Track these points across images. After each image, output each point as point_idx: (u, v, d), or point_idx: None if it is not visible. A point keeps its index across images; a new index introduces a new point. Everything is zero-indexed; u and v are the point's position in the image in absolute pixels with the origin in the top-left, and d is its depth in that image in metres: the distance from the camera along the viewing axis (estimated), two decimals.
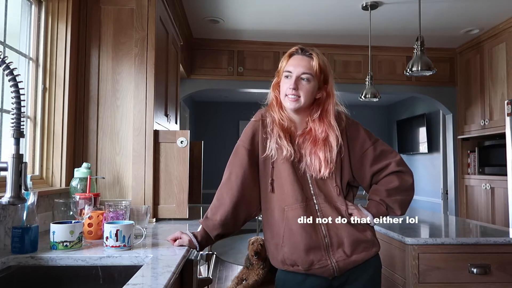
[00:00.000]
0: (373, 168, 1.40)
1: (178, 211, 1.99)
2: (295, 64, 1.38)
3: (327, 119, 1.39)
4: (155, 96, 2.01)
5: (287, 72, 1.38)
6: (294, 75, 1.36)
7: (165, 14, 2.29)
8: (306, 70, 1.36)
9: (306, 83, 1.37)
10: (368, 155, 1.41)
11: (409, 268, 1.80)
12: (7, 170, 1.05)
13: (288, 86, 1.37)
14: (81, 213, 1.37)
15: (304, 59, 1.38)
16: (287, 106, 1.38)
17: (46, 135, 1.84)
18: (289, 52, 1.43)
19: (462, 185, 4.54)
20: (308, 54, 1.39)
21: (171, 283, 1.01)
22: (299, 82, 1.36)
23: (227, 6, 3.48)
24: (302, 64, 1.37)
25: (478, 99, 4.23)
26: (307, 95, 1.37)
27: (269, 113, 1.45)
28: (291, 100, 1.36)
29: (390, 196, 1.38)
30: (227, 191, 1.41)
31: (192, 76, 4.32)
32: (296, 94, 1.36)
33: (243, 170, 1.41)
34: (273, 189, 1.38)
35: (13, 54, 1.68)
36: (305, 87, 1.36)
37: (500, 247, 1.81)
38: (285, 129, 1.40)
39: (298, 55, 1.40)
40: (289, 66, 1.38)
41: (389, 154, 1.42)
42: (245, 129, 1.49)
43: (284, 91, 1.38)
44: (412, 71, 2.74)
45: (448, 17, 3.67)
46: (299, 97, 1.36)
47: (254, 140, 1.44)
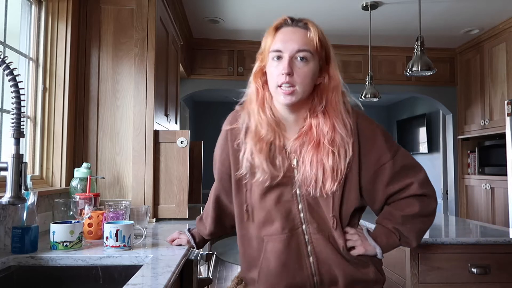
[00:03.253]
0: (389, 190, 1.07)
1: (178, 211, 1.99)
2: (286, 39, 1.01)
3: (334, 112, 1.05)
4: (155, 96, 2.01)
5: (275, 52, 1.02)
6: (286, 54, 1.00)
7: (165, 14, 2.29)
8: (303, 46, 1.00)
9: (303, 65, 1.01)
10: (385, 172, 1.06)
11: (409, 268, 1.80)
12: (7, 170, 1.05)
13: (280, 71, 1.00)
14: (81, 213, 1.37)
15: (298, 31, 1.03)
16: (280, 100, 1.03)
17: (46, 135, 1.84)
18: (275, 25, 1.05)
19: (462, 185, 4.54)
20: (302, 24, 1.04)
21: (171, 283, 1.01)
22: (293, 64, 1.01)
23: (227, 6, 3.48)
24: (295, 38, 1.01)
25: (478, 99, 4.23)
26: (306, 81, 1.02)
27: (243, 114, 1.10)
28: (285, 93, 1.00)
29: (406, 224, 1.07)
30: (208, 205, 1.29)
31: (192, 76, 4.32)
32: (291, 82, 1.00)
33: (216, 194, 1.24)
34: (249, 216, 1.10)
35: (13, 54, 1.68)
36: (303, 71, 1.01)
37: (500, 247, 1.81)
38: (264, 140, 1.05)
39: (289, 26, 1.04)
40: (278, 42, 1.02)
41: (411, 171, 1.08)
42: (217, 141, 1.20)
43: (275, 80, 1.02)
44: (412, 71, 2.74)
45: (448, 17, 3.67)
46: (294, 86, 1.00)
47: (223, 156, 1.15)
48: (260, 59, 1.08)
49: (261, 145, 1.05)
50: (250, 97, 1.10)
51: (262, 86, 1.09)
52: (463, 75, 4.52)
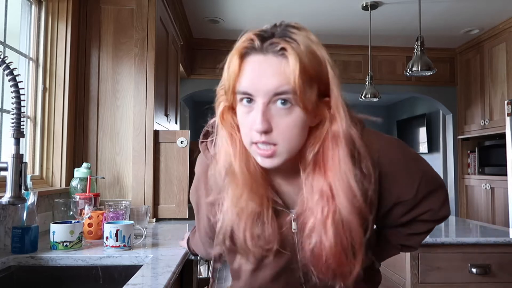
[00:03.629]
0: (403, 219, 0.89)
1: (178, 211, 1.99)
2: (255, 76, 0.70)
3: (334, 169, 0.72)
4: (155, 96, 2.01)
5: (243, 95, 0.71)
6: (259, 100, 0.69)
7: (165, 14, 2.29)
8: (282, 86, 0.68)
9: (286, 113, 0.70)
10: (403, 207, 0.86)
11: (409, 268, 1.80)
12: (7, 170, 1.05)
13: (252, 124, 0.70)
14: (81, 213, 1.37)
15: (272, 61, 0.69)
16: (258, 161, 0.74)
17: (46, 135, 1.84)
18: (239, 50, 0.72)
19: (462, 185, 4.54)
20: (277, 49, 0.69)
21: (171, 283, 1.01)
22: (270, 113, 0.70)
23: (227, 6, 3.48)
24: (269, 73, 0.69)
25: (478, 99, 4.23)
26: (293, 136, 0.71)
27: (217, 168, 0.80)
28: (263, 155, 0.71)
29: (412, 240, 0.95)
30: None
31: (192, 76, 4.32)
32: (270, 141, 0.70)
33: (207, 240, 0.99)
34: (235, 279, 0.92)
35: (13, 54, 1.68)
36: (285, 123, 0.70)
37: (500, 247, 1.81)
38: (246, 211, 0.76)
39: (258, 54, 0.70)
40: (245, 81, 0.71)
41: (431, 196, 0.87)
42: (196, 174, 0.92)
43: (247, 135, 0.72)
44: (412, 71, 2.74)
45: (448, 17, 3.67)
46: (276, 145, 0.71)
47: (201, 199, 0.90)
48: (225, 98, 0.76)
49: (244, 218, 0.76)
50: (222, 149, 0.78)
51: (237, 130, 0.77)
52: (463, 75, 4.52)
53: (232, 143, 0.77)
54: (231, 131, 0.77)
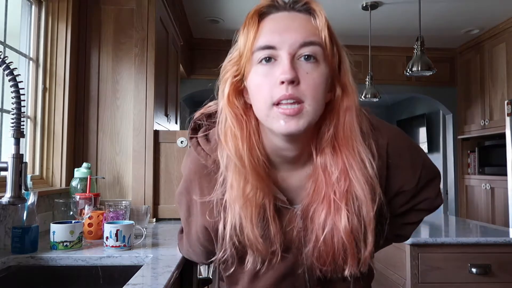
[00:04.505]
0: (401, 209, 0.87)
1: (178, 212, 1.98)
2: (280, 28, 0.66)
3: (348, 144, 0.70)
4: (155, 96, 2.01)
5: (263, 51, 0.67)
6: (284, 52, 0.65)
7: (165, 14, 2.29)
8: (309, 37, 0.66)
9: (312, 68, 0.66)
10: (404, 196, 0.85)
11: (409, 268, 1.80)
12: (7, 170, 1.05)
13: (276, 79, 0.65)
14: (81, 213, 1.37)
15: (297, 17, 0.68)
16: (278, 128, 0.67)
17: (46, 135, 1.84)
18: (258, 9, 0.69)
19: (462, 185, 4.54)
20: (303, 6, 0.69)
21: (171, 283, 1.01)
22: (296, 66, 0.65)
23: (227, 6, 3.48)
24: (295, 26, 0.66)
25: (478, 99, 4.23)
26: (319, 95, 0.67)
27: (219, 156, 0.74)
28: (288, 113, 0.65)
29: (406, 230, 0.94)
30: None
31: (192, 76, 4.32)
32: (297, 96, 0.64)
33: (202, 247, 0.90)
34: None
35: (13, 54, 1.68)
36: (312, 77, 0.66)
37: (500, 247, 1.81)
38: (252, 202, 0.70)
39: (280, 11, 0.68)
40: (267, 34, 0.67)
41: (429, 186, 0.87)
42: (186, 173, 0.84)
43: (267, 96, 0.66)
44: (412, 71, 2.74)
45: (448, 17, 3.67)
46: (302, 102, 0.65)
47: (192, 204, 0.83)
48: (234, 72, 0.71)
49: (251, 211, 0.70)
50: (228, 131, 0.71)
51: (243, 112, 0.72)
52: (463, 75, 4.52)
53: (238, 125, 0.71)
54: (238, 113, 0.72)
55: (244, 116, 0.72)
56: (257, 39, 0.68)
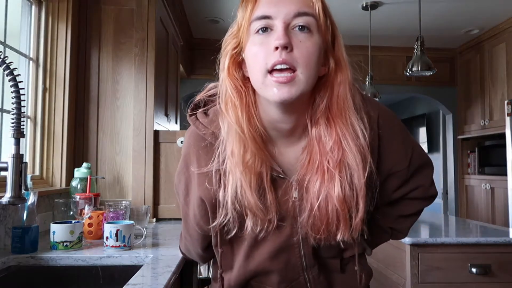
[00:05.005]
0: (394, 195, 0.89)
1: (178, 211, 1.98)
2: (276, 0, 0.70)
3: (341, 116, 0.73)
4: (155, 96, 2.01)
5: (260, 21, 0.70)
6: (279, 21, 0.69)
7: (165, 14, 2.29)
8: (304, 8, 0.69)
9: (306, 37, 0.69)
10: (396, 179, 0.86)
11: (409, 268, 1.80)
12: (7, 170, 1.05)
13: (271, 46, 0.68)
14: (81, 213, 1.37)
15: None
16: (271, 96, 0.70)
17: (46, 135, 1.84)
18: None
19: (462, 185, 4.54)
20: None
21: (171, 283, 1.01)
22: (290, 35, 0.68)
23: (227, 6, 3.48)
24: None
25: (478, 99, 4.23)
26: (312, 63, 0.69)
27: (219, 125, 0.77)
28: (280, 81, 0.68)
29: (402, 224, 0.94)
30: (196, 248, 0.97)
31: (192, 76, 4.32)
32: (290, 62, 0.67)
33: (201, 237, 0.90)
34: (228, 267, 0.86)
35: (13, 54, 1.68)
36: (305, 46, 0.68)
37: (500, 247, 1.81)
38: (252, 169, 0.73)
39: None
40: (264, 5, 0.70)
41: (422, 172, 0.89)
42: (187, 153, 0.87)
43: (262, 63, 0.69)
44: (412, 71, 2.74)
45: (448, 17, 3.67)
46: (295, 70, 0.68)
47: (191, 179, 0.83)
48: (233, 44, 0.75)
49: (250, 177, 0.72)
50: (228, 101, 0.75)
51: (242, 84, 0.75)
52: (463, 75, 4.52)
53: (238, 95, 0.75)
54: (237, 84, 0.76)
55: (243, 87, 0.76)
56: (254, 11, 0.71)
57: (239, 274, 0.83)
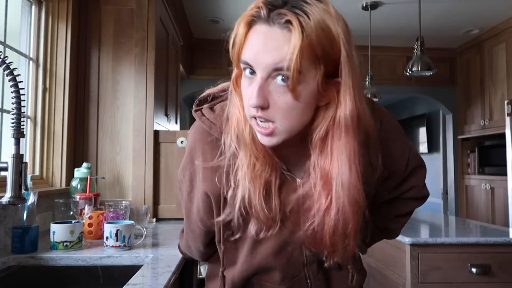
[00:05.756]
0: (390, 195, 0.91)
1: (178, 211, 1.99)
2: (257, 48, 0.65)
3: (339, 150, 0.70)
4: (155, 96, 2.01)
5: (245, 65, 0.68)
6: (258, 73, 0.66)
7: (165, 14, 2.29)
8: (281, 62, 0.63)
9: (285, 90, 0.65)
10: (393, 179, 0.88)
11: (409, 268, 1.80)
12: (7, 170, 1.05)
13: (249, 99, 0.67)
14: (81, 213, 1.37)
15: (275, 33, 0.64)
16: (258, 138, 0.71)
17: (46, 135, 1.84)
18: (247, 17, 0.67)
19: (462, 185, 4.54)
20: (284, 23, 0.63)
21: (171, 283, 1.01)
22: (268, 89, 0.66)
23: (227, 6, 3.48)
24: (271, 46, 0.64)
25: (478, 99, 4.23)
26: (293, 116, 0.67)
27: (227, 134, 0.76)
28: (262, 132, 0.69)
29: (397, 223, 0.97)
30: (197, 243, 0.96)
31: (192, 76, 4.32)
32: (267, 117, 0.67)
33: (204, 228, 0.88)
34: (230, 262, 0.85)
35: (13, 54, 1.68)
36: (283, 101, 0.66)
37: (500, 247, 1.81)
38: (260, 177, 0.73)
39: (263, 23, 0.65)
40: (247, 50, 0.67)
41: (416, 174, 0.91)
42: (192, 148, 0.84)
43: (247, 108, 0.69)
44: (412, 71, 2.74)
45: (448, 17, 3.67)
46: (274, 123, 0.67)
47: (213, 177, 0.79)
48: (234, 63, 0.73)
49: (258, 185, 0.73)
50: (235, 114, 0.74)
51: (240, 106, 0.74)
52: (463, 75, 4.52)
53: (243, 110, 0.72)
54: (242, 98, 0.73)
55: (240, 110, 0.74)
56: (242, 50, 0.68)
57: (242, 269, 0.83)
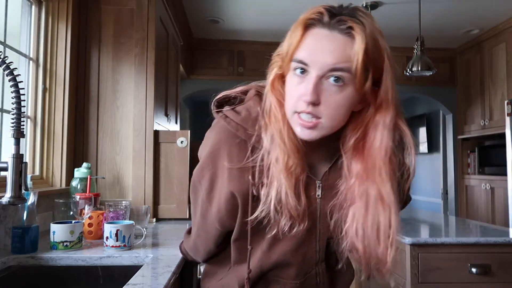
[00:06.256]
0: None
1: (178, 211, 1.99)
2: (316, 48, 0.71)
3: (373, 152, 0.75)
4: (155, 96, 2.01)
5: (299, 63, 0.72)
6: (314, 72, 0.70)
7: (165, 14, 2.29)
8: (340, 63, 0.69)
9: (337, 91, 0.71)
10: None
11: (409, 268, 1.80)
12: (7, 170, 1.05)
13: (301, 96, 0.72)
14: (81, 213, 1.37)
15: (336, 38, 0.70)
16: (296, 132, 0.75)
17: (46, 135, 1.84)
18: (305, 20, 0.73)
19: (462, 185, 4.54)
20: (346, 29, 0.69)
21: (171, 283, 1.01)
22: (322, 88, 0.71)
23: (227, 6, 3.48)
24: (331, 48, 0.70)
25: (478, 99, 4.23)
26: (339, 114, 0.73)
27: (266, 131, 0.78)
28: (304, 125, 0.73)
29: None
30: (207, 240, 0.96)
31: (192, 76, 4.32)
32: (315, 113, 0.72)
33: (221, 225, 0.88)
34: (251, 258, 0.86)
35: (13, 54, 1.68)
36: (334, 100, 0.71)
37: (500, 247, 1.81)
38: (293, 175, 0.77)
39: (323, 27, 0.71)
40: (304, 50, 0.72)
41: (409, 179, 0.95)
42: (215, 149, 0.83)
43: (293, 103, 0.74)
44: (412, 71, 2.74)
45: (448, 17, 3.67)
46: (319, 118, 0.72)
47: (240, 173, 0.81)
48: (279, 65, 0.78)
49: (292, 182, 0.77)
50: (271, 114, 0.78)
51: (283, 99, 0.78)
52: (463, 75, 4.52)
53: (280, 108, 0.77)
54: (279, 98, 0.78)
55: (284, 101, 0.78)
56: (297, 50, 0.73)
57: (259, 265, 0.85)
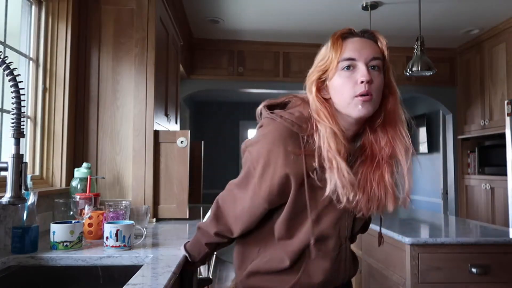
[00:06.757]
0: None
1: (178, 211, 1.99)
2: (359, 48, 0.98)
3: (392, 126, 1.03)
4: (155, 96, 2.01)
5: (347, 61, 0.97)
6: (361, 63, 0.97)
7: (165, 14, 2.29)
8: (376, 54, 0.99)
9: (377, 75, 0.98)
10: None
11: (409, 268, 1.80)
12: (7, 170, 1.05)
13: (358, 80, 0.96)
14: (81, 213, 1.37)
15: (368, 41, 1.01)
16: (354, 113, 0.97)
17: (46, 135, 1.84)
18: (341, 34, 1.01)
19: (462, 185, 4.54)
20: (370, 35, 1.02)
21: (171, 283, 1.01)
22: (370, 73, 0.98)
23: (228, 6, 3.48)
24: (368, 46, 0.99)
25: (478, 99, 4.23)
26: (380, 92, 1.00)
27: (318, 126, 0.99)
28: (364, 100, 0.96)
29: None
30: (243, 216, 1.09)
31: (192, 76, 4.32)
32: (370, 91, 0.96)
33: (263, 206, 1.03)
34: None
35: (13, 54, 1.68)
36: (377, 81, 0.98)
37: (500, 247, 1.81)
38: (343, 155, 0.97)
39: (356, 37, 1.01)
40: (349, 51, 0.98)
41: None
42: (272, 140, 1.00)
43: (350, 91, 0.96)
44: (412, 71, 2.74)
45: (448, 17, 3.67)
46: (372, 95, 0.97)
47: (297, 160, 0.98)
48: (322, 70, 1.01)
49: (344, 161, 0.96)
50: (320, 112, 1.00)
51: (324, 101, 1.02)
52: (463, 75, 4.52)
53: (325, 108, 1.00)
54: (322, 101, 1.01)
55: (326, 103, 1.01)
56: (342, 53, 0.99)
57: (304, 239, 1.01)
